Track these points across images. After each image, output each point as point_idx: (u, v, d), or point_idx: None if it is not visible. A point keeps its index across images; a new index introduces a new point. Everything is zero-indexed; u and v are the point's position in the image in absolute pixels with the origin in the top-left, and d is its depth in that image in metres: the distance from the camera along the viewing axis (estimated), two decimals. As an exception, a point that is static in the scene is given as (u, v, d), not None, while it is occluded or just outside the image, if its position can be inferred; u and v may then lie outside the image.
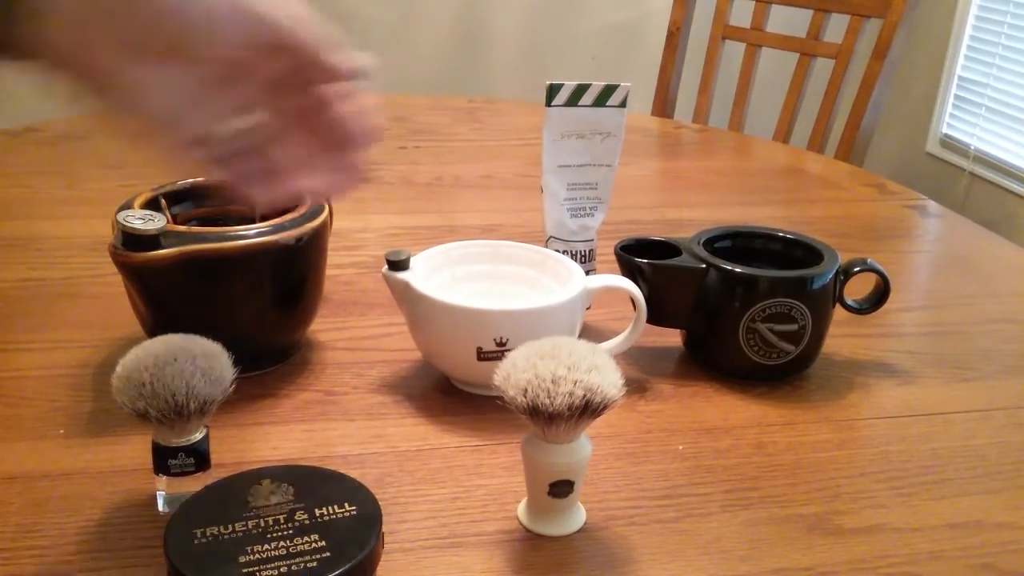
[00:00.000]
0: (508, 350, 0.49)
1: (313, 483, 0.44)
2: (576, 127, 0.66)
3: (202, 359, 0.46)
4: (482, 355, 0.57)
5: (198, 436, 0.48)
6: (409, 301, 0.59)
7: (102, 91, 0.36)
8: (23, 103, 2.26)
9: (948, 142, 2.64)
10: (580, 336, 0.66)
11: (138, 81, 0.36)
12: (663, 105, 1.67)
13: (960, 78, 2.59)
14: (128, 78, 0.36)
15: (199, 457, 0.48)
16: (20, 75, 0.35)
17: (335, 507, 0.42)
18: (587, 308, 0.64)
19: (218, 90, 0.38)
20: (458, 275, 0.65)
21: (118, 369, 0.46)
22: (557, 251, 0.68)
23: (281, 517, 0.41)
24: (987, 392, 0.65)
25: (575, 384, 0.44)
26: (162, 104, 0.37)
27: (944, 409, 0.63)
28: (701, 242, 0.66)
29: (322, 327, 0.69)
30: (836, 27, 1.50)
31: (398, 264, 0.60)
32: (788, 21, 1.60)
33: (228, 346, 0.48)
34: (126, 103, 0.37)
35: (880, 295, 0.67)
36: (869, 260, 0.66)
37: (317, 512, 0.42)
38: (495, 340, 0.57)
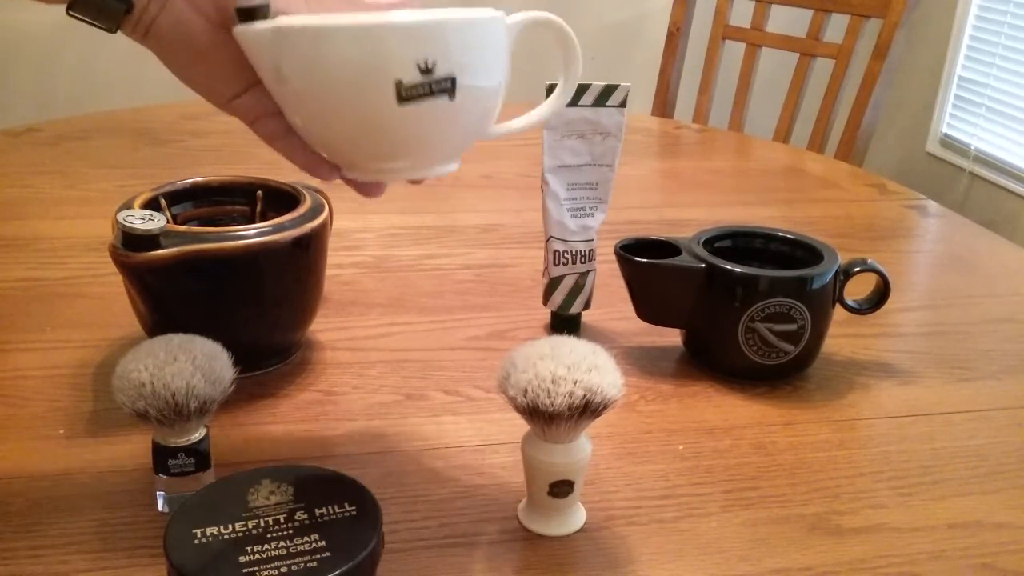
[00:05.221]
0: (438, 84, 0.41)
1: (313, 483, 0.44)
2: (576, 127, 0.66)
3: (202, 359, 0.46)
4: (403, 93, 0.42)
5: (198, 436, 0.48)
6: (283, 54, 0.43)
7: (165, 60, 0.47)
8: (23, 103, 2.27)
9: (948, 142, 2.64)
10: (579, 336, 0.66)
11: (180, 66, 0.47)
12: (663, 105, 1.67)
13: (960, 78, 2.59)
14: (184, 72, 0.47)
15: (199, 457, 0.48)
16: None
17: (335, 507, 0.42)
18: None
19: (234, 73, 0.46)
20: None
21: (118, 369, 0.46)
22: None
23: (281, 517, 0.41)
24: (987, 392, 0.65)
25: (575, 384, 0.44)
26: (196, 82, 0.47)
27: (944, 409, 0.63)
28: (701, 242, 0.66)
29: (322, 327, 0.69)
30: (836, 27, 1.50)
31: (254, 12, 0.43)
32: (788, 21, 1.60)
33: (228, 346, 0.48)
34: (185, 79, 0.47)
35: (880, 295, 0.67)
36: (869, 260, 0.66)
37: (317, 512, 0.42)
38: (419, 65, 0.42)
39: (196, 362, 0.46)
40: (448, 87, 0.43)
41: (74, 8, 0.45)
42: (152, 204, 0.61)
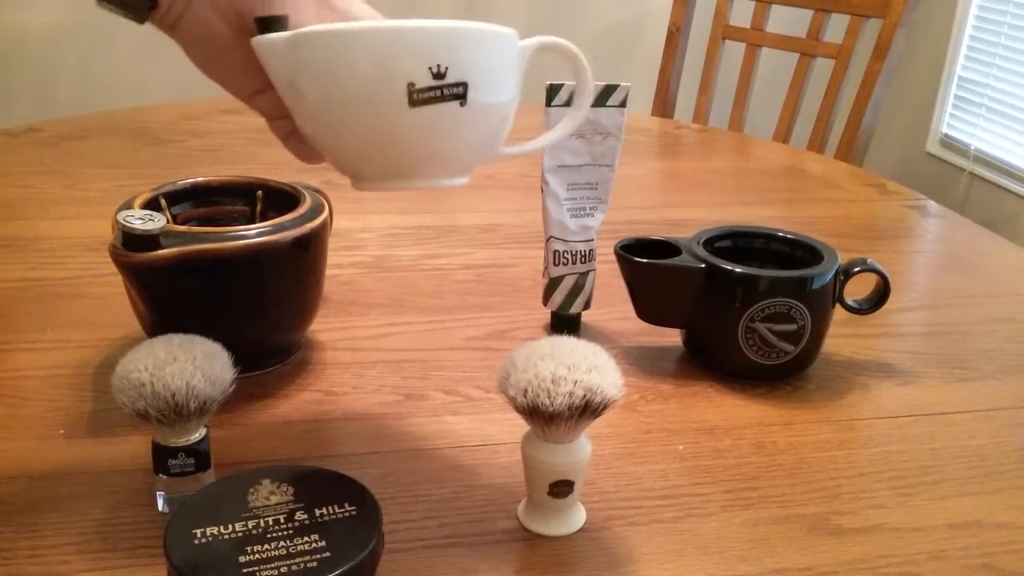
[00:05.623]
0: (450, 89, 0.42)
1: (313, 483, 0.44)
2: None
3: (202, 359, 0.46)
4: (415, 96, 0.43)
5: (198, 436, 0.48)
6: (298, 61, 0.44)
7: (188, 49, 0.49)
8: (23, 103, 2.27)
9: (948, 142, 2.64)
10: (579, 336, 0.66)
11: (203, 62, 0.49)
12: (663, 105, 1.67)
13: (960, 78, 2.59)
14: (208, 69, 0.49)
15: (199, 457, 0.48)
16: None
17: (335, 507, 0.42)
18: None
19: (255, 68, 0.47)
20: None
21: (118, 369, 0.46)
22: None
23: (281, 517, 0.41)
24: (987, 392, 0.65)
25: (575, 384, 0.44)
26: (217, 77, 0.49)
27: (944, 409, 0.63)
28: (701, 242, 0.66)
29: (322, 327, 0.69)
30: (836, 27, 1.50)
31: (272, 23, 0.45)
32: (788, 21, 1.60)
33: (228, 346, 0.48)
34: (205, 69, 0.50)
35: (880, 295, 0.67)
36: (869, 260, 0.66)
37: (317, 512, 0.42)
38: (431, 69, 0.42)
39: (196, 362, 0.46)
40: (460, 93, 0.43)
41: (104, 1, 0.48)
42: (152, 204, 0.61)
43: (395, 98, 0.43)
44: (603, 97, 0.66)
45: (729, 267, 0.62)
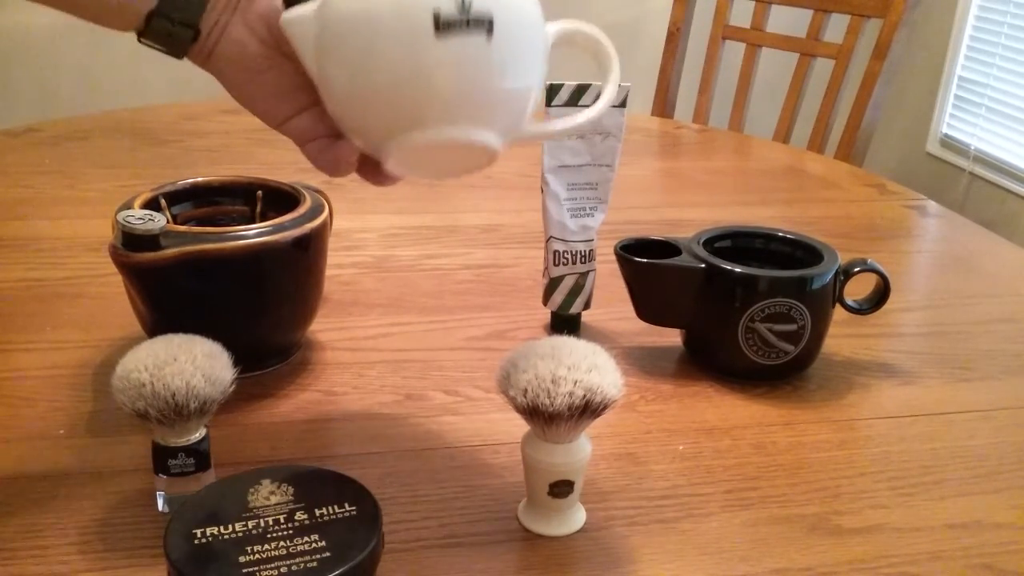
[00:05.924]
0: (475, 20, 0.43)
1: (313, 483, 0.44)
2: (576, 127, 0.66)
3: (202, 359, 0.46)
4: (441, 23, 0.43)
5: (198, 436, 0.48)
6: (326, 21, 0.45)
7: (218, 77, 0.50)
8: (23, 103, 2.27)
9: (948, 142, 2.64)
10: (579, 336, 0.66)
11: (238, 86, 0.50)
12: (663, 105, 1.67)
13: (960, 78, 2.59)
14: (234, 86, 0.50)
15: (199, 457, 0.48)
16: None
17: (335, 507, 0.42)
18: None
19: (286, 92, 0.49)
20: None
21: (118, 369, 0.46)
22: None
23: (281, 517, 0.41)
24: (987, 392, 0.65)
25: (575, 384, 0.44)
26: (252, 101, 0.50)
27: (944, 409, 0.63)
28: (701, 242, 0.66)
29: (322, 327, 0.69)
30: (836, 27, 1.50)
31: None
32: (788, 21, 1.60)
33: (228, 346, 0.48)
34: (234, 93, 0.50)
35: (880, 295, 0.67)
36: (869, 260, 0.66)
37: (317, 512, 0.42)
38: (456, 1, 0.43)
39: (196, 362, 0.46)
40: (485, 26, 0.43)
41: (145, 36, 0.48)
42: (152, 204, 0.61)
43: (422, 27, 0.43)
44: (603, 97, 0.66)
45: (729, 267, 0.62)
